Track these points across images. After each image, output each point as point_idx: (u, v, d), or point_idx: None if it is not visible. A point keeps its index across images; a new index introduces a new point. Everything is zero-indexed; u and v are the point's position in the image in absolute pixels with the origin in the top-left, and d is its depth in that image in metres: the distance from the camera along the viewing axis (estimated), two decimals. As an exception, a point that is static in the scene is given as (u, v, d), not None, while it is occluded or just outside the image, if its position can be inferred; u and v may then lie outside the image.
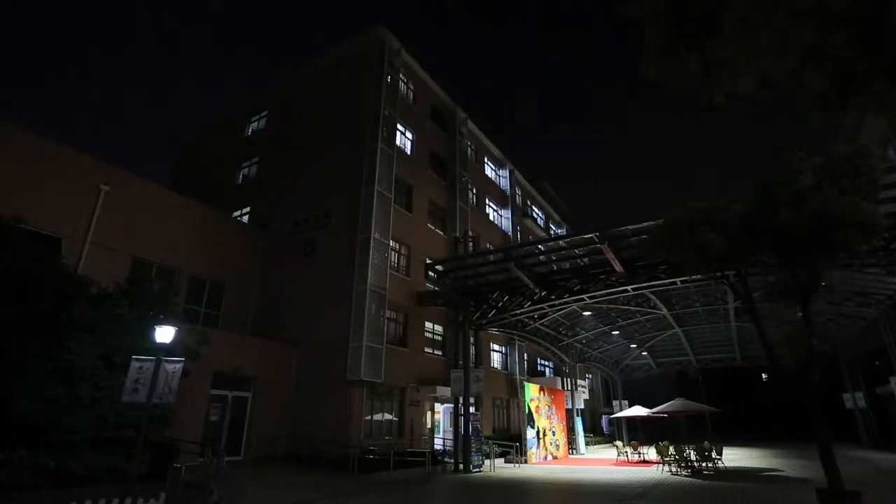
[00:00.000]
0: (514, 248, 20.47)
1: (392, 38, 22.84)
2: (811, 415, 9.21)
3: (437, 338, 22.20)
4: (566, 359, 28.47)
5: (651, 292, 20.32)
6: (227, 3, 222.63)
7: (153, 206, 17.63)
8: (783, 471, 16.96)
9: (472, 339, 20.30)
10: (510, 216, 32.36)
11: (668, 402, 24.59)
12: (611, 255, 15.50)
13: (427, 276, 20.71)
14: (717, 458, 17.37)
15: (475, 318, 20.14)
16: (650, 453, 20.51)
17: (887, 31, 2.52)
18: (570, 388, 27.96)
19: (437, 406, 21.29)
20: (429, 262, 20.34)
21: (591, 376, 38.04)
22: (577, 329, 27.59)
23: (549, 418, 23.38)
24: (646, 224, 13.77)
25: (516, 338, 26.66)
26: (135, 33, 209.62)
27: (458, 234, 24.56)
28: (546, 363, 33.08)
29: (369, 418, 17.28)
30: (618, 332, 29.10)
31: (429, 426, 20.28)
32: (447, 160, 26.16)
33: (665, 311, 23.69)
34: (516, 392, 25.57)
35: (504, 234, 31.29)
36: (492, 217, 30.51)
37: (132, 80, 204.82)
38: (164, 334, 8.57)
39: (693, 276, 13.64)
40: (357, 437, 16.10)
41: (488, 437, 20.62)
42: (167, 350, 8.71)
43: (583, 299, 19.06)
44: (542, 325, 24.66)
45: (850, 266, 14.68)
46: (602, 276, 17.61)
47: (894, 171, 10.74)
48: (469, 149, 28.59)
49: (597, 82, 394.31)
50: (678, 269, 14.20)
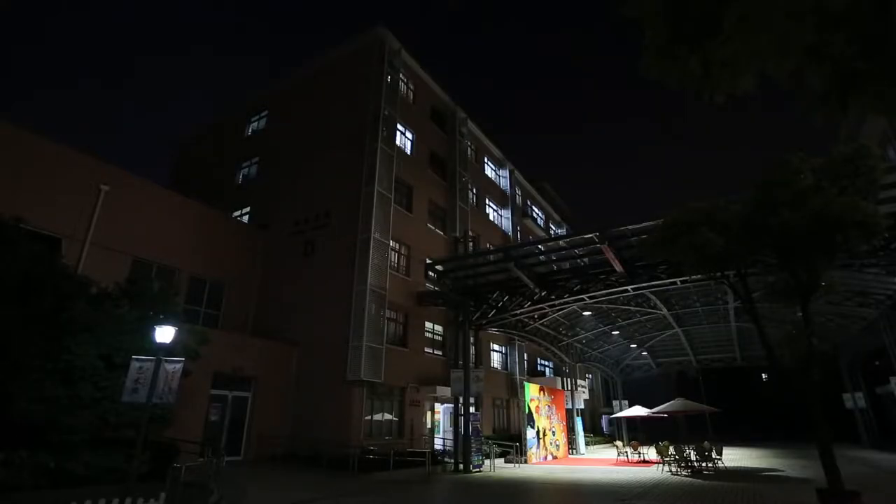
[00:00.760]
0: (514, 248, 20.48)
1: (392, 38, 22.83)
2: (811, 415, 9.21)
3: (437, 338, 22.20)
4: (566, 359, 28.47)
5: (651, 292, 20.31)
6: (227, 4, 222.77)
7: (153, 206, 17.63)
8: (783, 471, 16.96)
9: (472, 339, 20.30)
10: (510, 216, 32.34)
11: (668, 402, 24.59)
12: (611, 256, 15.51)
13: (427, 276, 20.72)
14: (717, 458, 17.39)
15: (475, 318, 20.15)
16: (650, 453, 20.50)
17: (887, 30, 2.52)
18: (570, 388, 27.96)
19: (437, 406, 21.29)
20: (429, 262, 20.35)
21: (591, 376, 38.03)
22: (577, 329, 27.57)
23: (549, 418, 23.38)
24: (646, 224, 13.76)
25: (516, 338, 26.65)
26: (135, 33, 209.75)
27: (458, 234, 24.56)
28: (546, 363, 33.07)
29: (369, 418, 17.27)
30: (618, 332, 29.08)
31: (429, 426, 20.27)
32: (447, 160, 26.16)
33: (665, 311, 23.68)
34: (516, 392, 25.57)
35: (504, 234, 31.27)
36: (492, 217, 30.50)
37: (132, 80, 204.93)
38: (164, 334, 8.56)
39: (693, 277, 13.63)
40: (357, 437, 16.10)
41: (488, 437, 20.61)
42: (167, 350, 8.70)
43: (583, 299, 19.08)
44: (542, 325, 24.66)
45: (850, 266, 14.67)
46: (602, 277, 17.62)
47: (894, 171, 10.74)
48: (469, 149, 28.58)
49: (597, 82, 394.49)
50: (678, 269, 14.21)
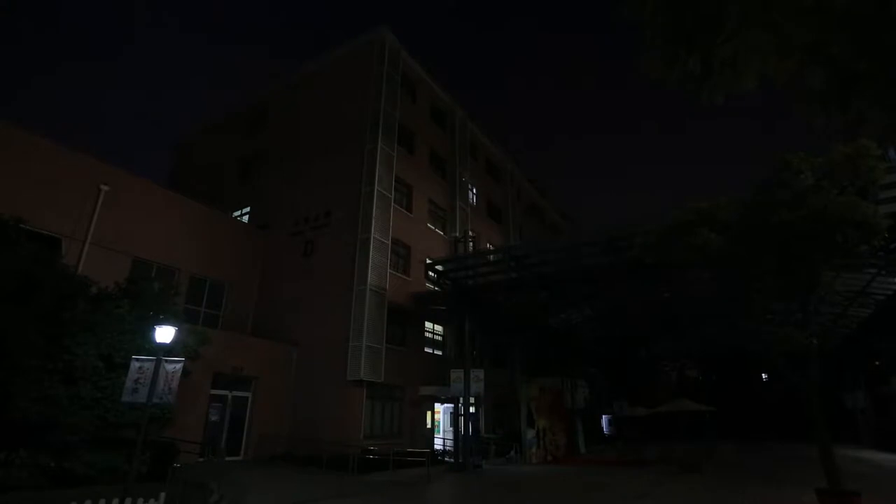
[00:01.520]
0: (515, 249, 20.47)
1: (392, 38, 22.83)
2: (811, 415, 9.21)
3: (437, 338, 22.19)
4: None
5: (651, 292, 20.30)
6: (227, 4, 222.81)
7: (153, 206, 17.63)
8: (783, 470, 16.95)
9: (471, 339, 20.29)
10: (511, 216, 32.34)
11: (668, 402, 24.60)
12: (611, 256, 15.50)
13: (427, 276, 20.70)
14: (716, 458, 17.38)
15: (475, 319, 20.12)
16: (650, 453, 20.50)
17: (888, 30, 2.52)
18: (570, 387, 27.92)
19: (437, 406, 21.28)
20: (429, 262, 20.34)
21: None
22: (578, 329, 27.54)
23: (549, 418, 23.36)
24: (647, 224, 13.75)
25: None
26: (135, 33, 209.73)
27: (458, 234, 24.55)
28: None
29: (369, 418, 17.28)
30: (618, 332, 29.05)
31: (429, 426, 20.27)
32: (447, 160, 26.15)
33: (665, 310, 23.67)
34: (516, 392, 25.52)
35: (505, 234, 31.29)
36: (492, 217, 30.50)
37: (132, 80, 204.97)
38: (164, 334, 8.56)
39: (693, 277, 13.64)
40: (357, 437, 16.10)
41: (488, 437, 20.61)
42: (167, 350, 8.70)
43: (583, 299, 19.07)
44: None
45: (850, 266, 14.66)
46: (603, 277, 17.61)
47: (894, 171, 10.73)
48: (469, 148, 28.59)
49: (597, 82, 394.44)
50: (679, 269, 14.20)
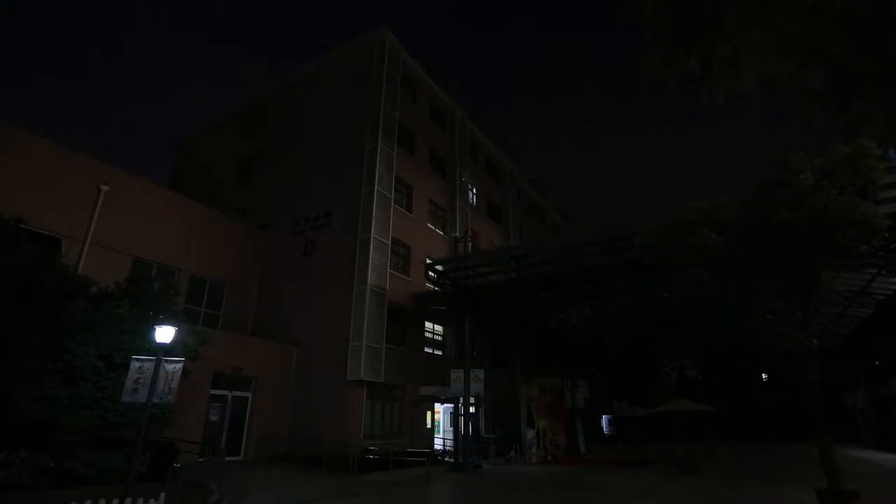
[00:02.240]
0: (515, 249, 20.46)
1: (392, 38, 22.83)
2: (811, 415, 9.22)
3: (437, 338, 22.19)
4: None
5: (651, 292, 20.30)
6: (227, 4, 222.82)
7: (153, 206, 17.62)
8: (783, 470, 16.95)
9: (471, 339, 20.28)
10: (511, 216, 32.34)
11: (668, 402, 24.60)
12: (611, 256, 15.50)
13: (427, 276, 20.70)
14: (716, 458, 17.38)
15: (475, 319, 20.11)
16: (650, 453, 20.51)
17: (888, 30, 2.52)
18: (570, 387, 27.92)
19: (437, 406, 21.28)
20: (429, 262, 20.33)
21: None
22: (578, 329, 27.54)
23: (549, 418, 23.35)
24: (647, 224, 13.75)
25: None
26: (135, 33, 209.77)
27: (458, 234, 24.55)
28: (546, 363, 32.98)
29: (369, 418, 17.28)
30: (618, 332, 29.06)
31: (429, 426, 20.27)
32: (447, 160, 26.15)
33: (665, 310, 23.67)
34: (516, 392, 25.52)
35: (505, 234, 31.28)
36: (492, 217, 30.49)
37: (132, 81, 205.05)
38: (164, 334, 8.56)
39: (693, 277, 13.64)
40: (357, 437, 16.10)
41: (488, 437, 20.61)
42: (167, 350, 8.70)
43: (583, 299, 19.07)
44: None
45: (850, 266, 14.66)
46: (603, 277, 17.60)
47: (894, 171, 10.73)
48: (469, 148, 28.59)
49: (598, 82, 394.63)
50: (680, 269, 14.19)
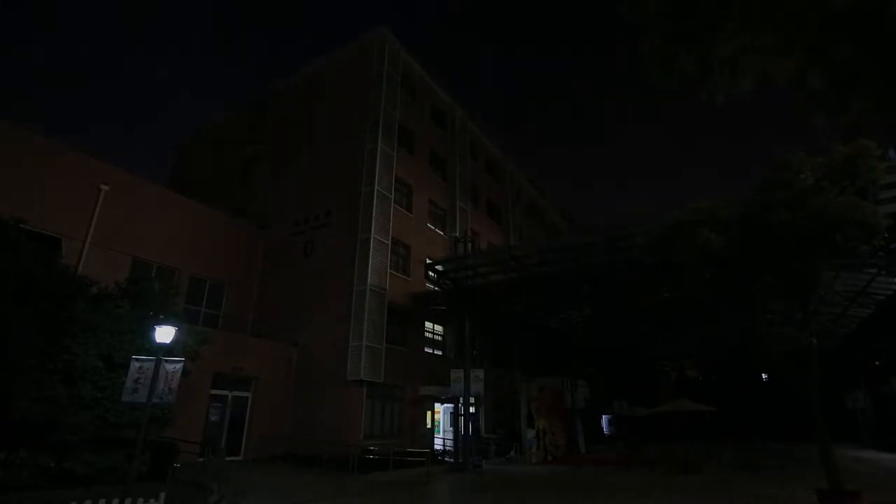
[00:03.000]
0: (515, 249, 20.47)
1: (393, 38, 22.83)
2: (811, 415, 9.21)
3: (437, 338, 22.18)
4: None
5: (651, 292, 20.26)
6: (227, 4, 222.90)
7: (153, 206, 17.62)
8: (783, 470, 16.95)
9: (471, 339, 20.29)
10: (511, 216, 32.33)
11: (668, 402, 24.59)
12: (611, 256, 15.50)
13: (427, 276, 20.70)
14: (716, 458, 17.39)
15: (475, 319, 20.11)
16: (650, 453, 20.50)
17: (888, 30, 2.52)
18: (570, 387, 27.93)
19: (437, 406, 21.28)
20: (429, 262, 20.34)
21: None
22: (578, 329, 27.54)
23: (548, 418, 23.36)
24: (647, 225, 13.76)
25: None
26: (136, 33, 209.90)
27: (458, 234, 24.55)
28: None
29: (369, 418, 17.27)
30: (619, 332, 29.05)
31: (429, 426, 20.27)
32: (447, 160, 26.14)
33: (665, 310, 23.63)
34: (516, 392, 25.53)
35: (505, 234, 31.27)
36: (492, 217, 30.49)
37: (133, 81, 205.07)
38: (164, 334, 8.55)
39: (694, 277, 13.61)
40: (357, 437, 16.10)
41: (488, 437, 20.60)
42: (167, 350, 8.70)
43: (583, 299, 19.07)
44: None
45: (850, 266, 14.66)
46: (603, 277, 17.61)
47: (894, 171, 10.73)
48: (469, 148, 28.58)
49: (598, 82, 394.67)
50: (680, 269, 14.18)
